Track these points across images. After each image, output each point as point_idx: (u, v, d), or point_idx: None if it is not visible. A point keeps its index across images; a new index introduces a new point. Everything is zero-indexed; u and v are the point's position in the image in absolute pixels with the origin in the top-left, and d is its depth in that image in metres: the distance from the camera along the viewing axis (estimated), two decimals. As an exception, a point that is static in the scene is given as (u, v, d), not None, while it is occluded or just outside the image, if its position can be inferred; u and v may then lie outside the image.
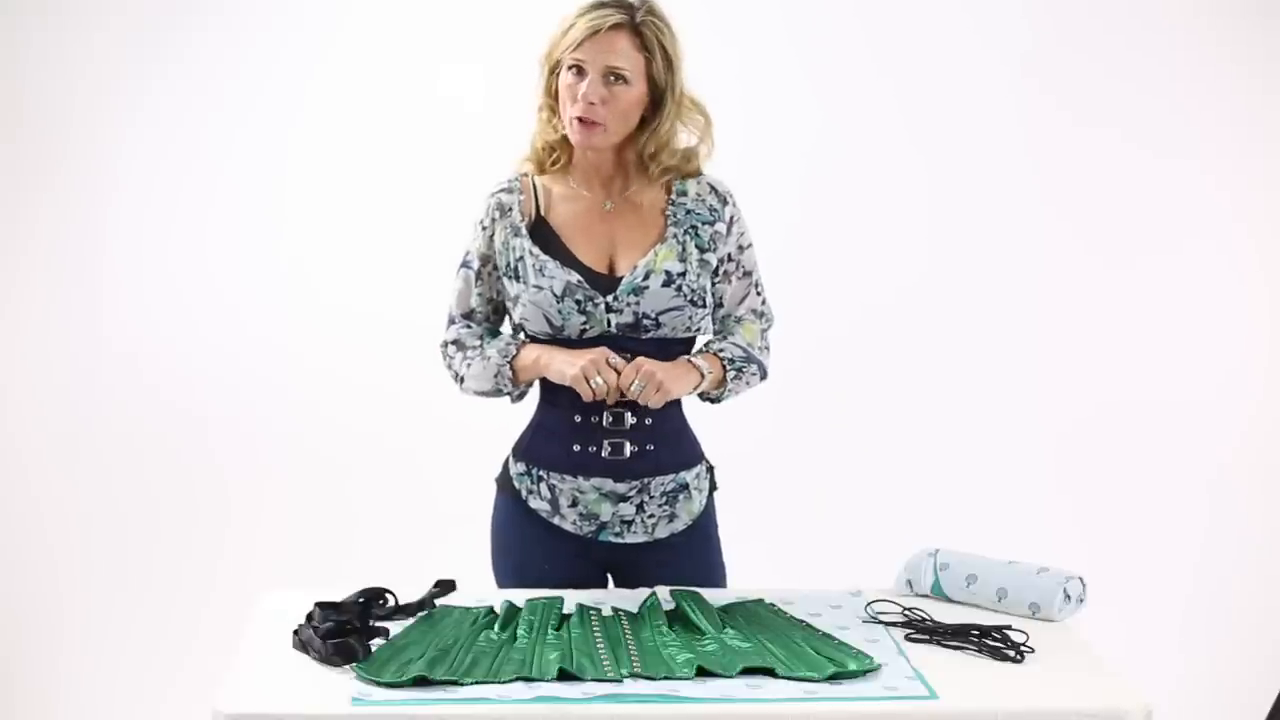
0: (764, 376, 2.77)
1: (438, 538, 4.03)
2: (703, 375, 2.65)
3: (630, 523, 2.68)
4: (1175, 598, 4.20)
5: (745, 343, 2.74)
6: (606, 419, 2.63)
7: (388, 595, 2.48)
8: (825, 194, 4.16)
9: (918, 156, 4.16)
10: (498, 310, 2.75)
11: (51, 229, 4.08)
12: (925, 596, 2.61)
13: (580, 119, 2.59)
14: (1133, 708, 2.14)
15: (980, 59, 4.12)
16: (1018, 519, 4.03)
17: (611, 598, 2.56)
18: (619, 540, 2.69)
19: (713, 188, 2.71)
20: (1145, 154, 4.15)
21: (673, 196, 2.69)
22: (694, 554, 2.73)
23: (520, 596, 2.52)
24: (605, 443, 2.64)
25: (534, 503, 2.70)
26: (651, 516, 2.68)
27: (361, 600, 2.44)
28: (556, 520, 2.69)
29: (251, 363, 4.13)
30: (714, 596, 2.56)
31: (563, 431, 2.67)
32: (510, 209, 2.69)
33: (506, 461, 2.77)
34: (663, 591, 2.56)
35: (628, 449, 2.64)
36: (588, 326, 2.62)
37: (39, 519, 4.13)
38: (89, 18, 4.01)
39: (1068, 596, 2.49)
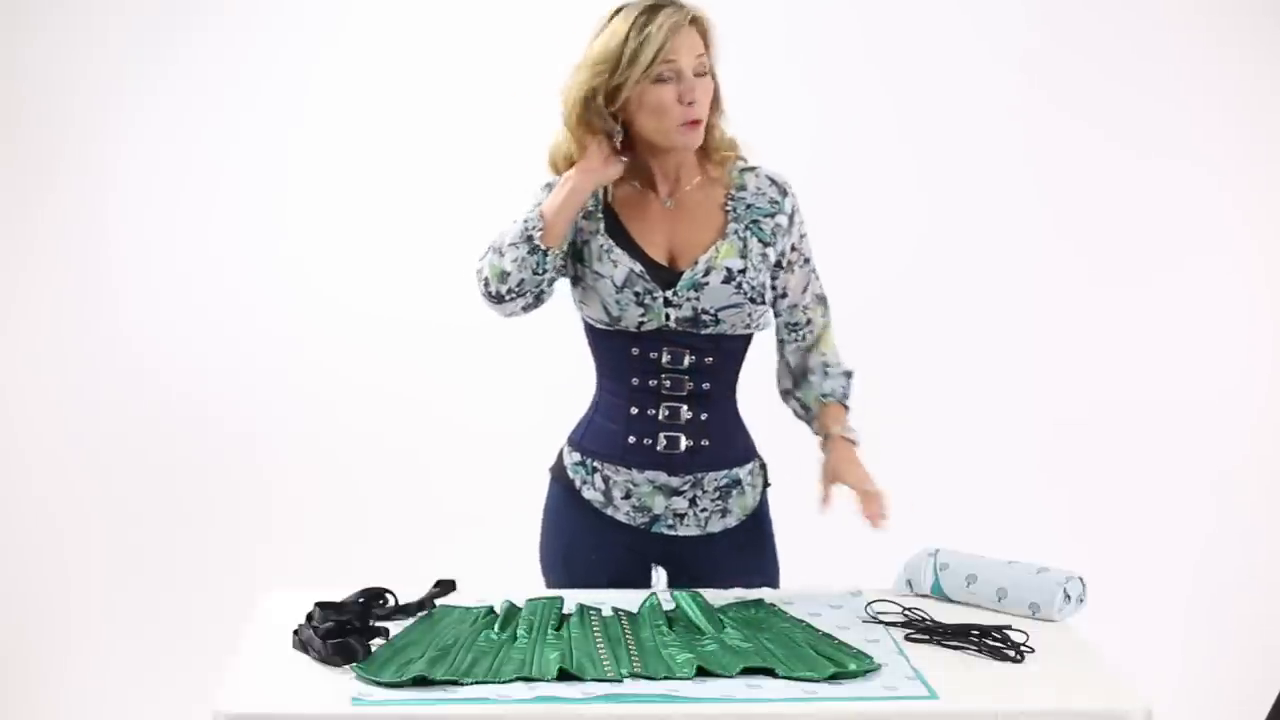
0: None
1: (438, 538, 4.04)
2: (854, 440, 2.71)
3: (683, 516, 2.69)
4: (1175, 598, 4.20)
5: (834, 359, 2.76)
6: (662, 412, 2.65)
7: (388, 595, 2.49)
8: (822, 195, 4.13)
9: (915, 158, 4.16)
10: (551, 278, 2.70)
11: (56, 229, 4.08)
12: (925, 597, 2.61)
13: (690, 121, 2.58)
14: (1133, 708, 2.14)
15: (979, 59, 4.12)
16: (1018, 519, 4.03)
17: (611, 598, 2.56)
18: (671, 533, 2.70)
19: (771, 180, 2.71)
20: (1147, 156, 4.15)
21: (731, 192, 2.68)
22: (746, 549, 2.74)
23: (520, 596, 2.52)
24: (660, 436, 2.66)
25: (587, 493, 2.72)
26: (704, 511, 2.69)
27: (361, 600, 2.45)
28: (610, 511, 2.70)
29: (250, 362, 4.13)
30: (714, 596, 2.56)
31: (618, 423, 2.68)
32: None
33: (561, 452, 2.78)
34: (663, 592, 2.56)
35: (683, 443, 2.65)
36: (645, 319, 2.63)
37: (38, 519, 4.13)
38: (91, 18, 4.00)
39: (1068, 596, 2.49)
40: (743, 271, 2.63)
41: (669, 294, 2.61)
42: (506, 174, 4.06)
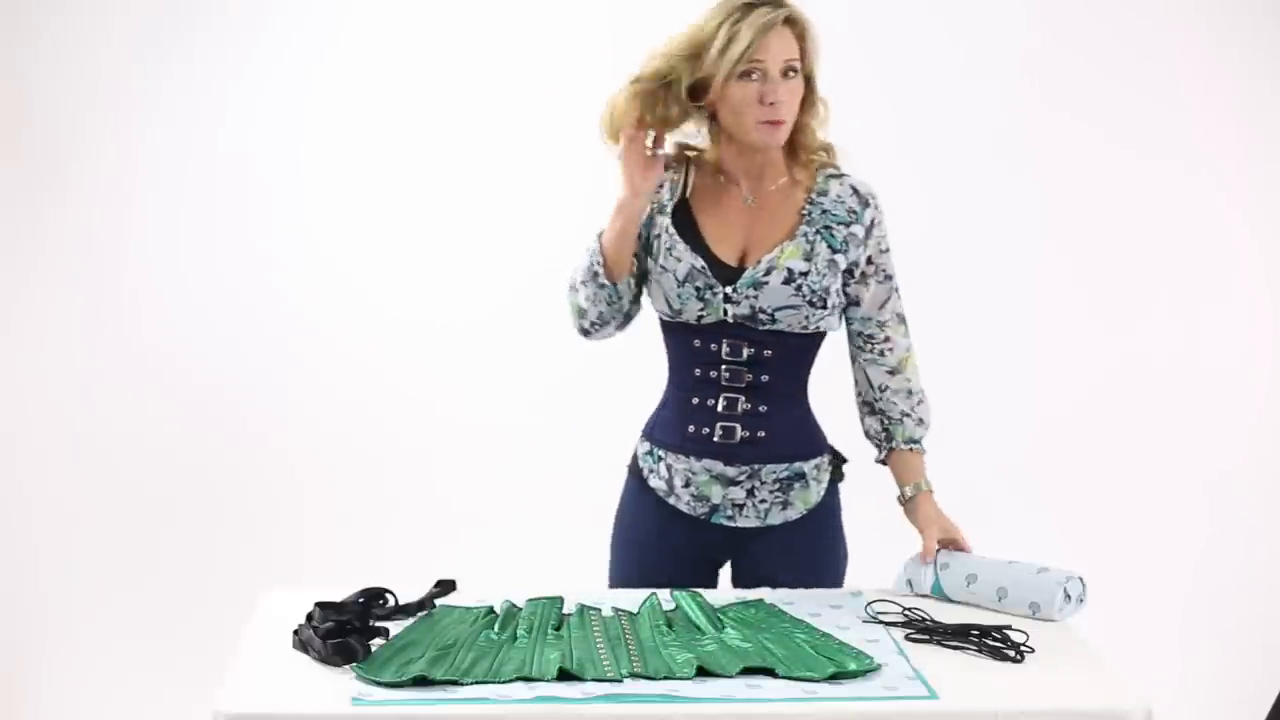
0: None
1: (439, 537, 4.04)
2: (930, 488, 2.76)
3: (741, 506, 2.71)
4: (1175, 598, 4.20)
5: (918, 387, 2.78)
6: (720, 403, 2.67)
7: (388, 595, 2.49)
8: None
9: (915, 158, 4.16)
10: (639, 274, 2.74)
11: (61, 229, 4.07)
12: (925, 597, 2.61)
13: (770, 121, 2.60)
14: (1133, 708, 2.14)
15: (979, 60, 4.12)
16: (1018, 520, 4.03)
17: (611, 598, 2.56)
18: (731, 524, 2.71)
19: (855, 190, 2.71)
20: (1147, 156, 4.15)
21: (812, 195, 2.69)
22: (808, 544, 2.75)
23: (520, 596, 2.52)
24: (717, 426, 2.68)
25: (653, 482, 2.75)
26: (763, 502, 2.71)
27: (361, 600, 2.45)
28: (672, 500, 2.73)
29: (251, 364, 4.13)
30: (714, 597, 2.56)
31: (680, 413, 2.71)
32: (661, 185, 2.71)
33: (636, 444, 2.82)
34: (663, 592, 2.56)
35: (738, 434, 2.67)
36: (705, 314, 2.65)
37: (39, 518, 4.13)
38: (95, 18, 4.00)
39: (1068, 596, 2.48)
40: (805, 274, 2.63)
41: (729, 290, 2.63)
42: (516, 170, 4.10)
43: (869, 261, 2.71)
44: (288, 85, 4.08)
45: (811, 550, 2.75)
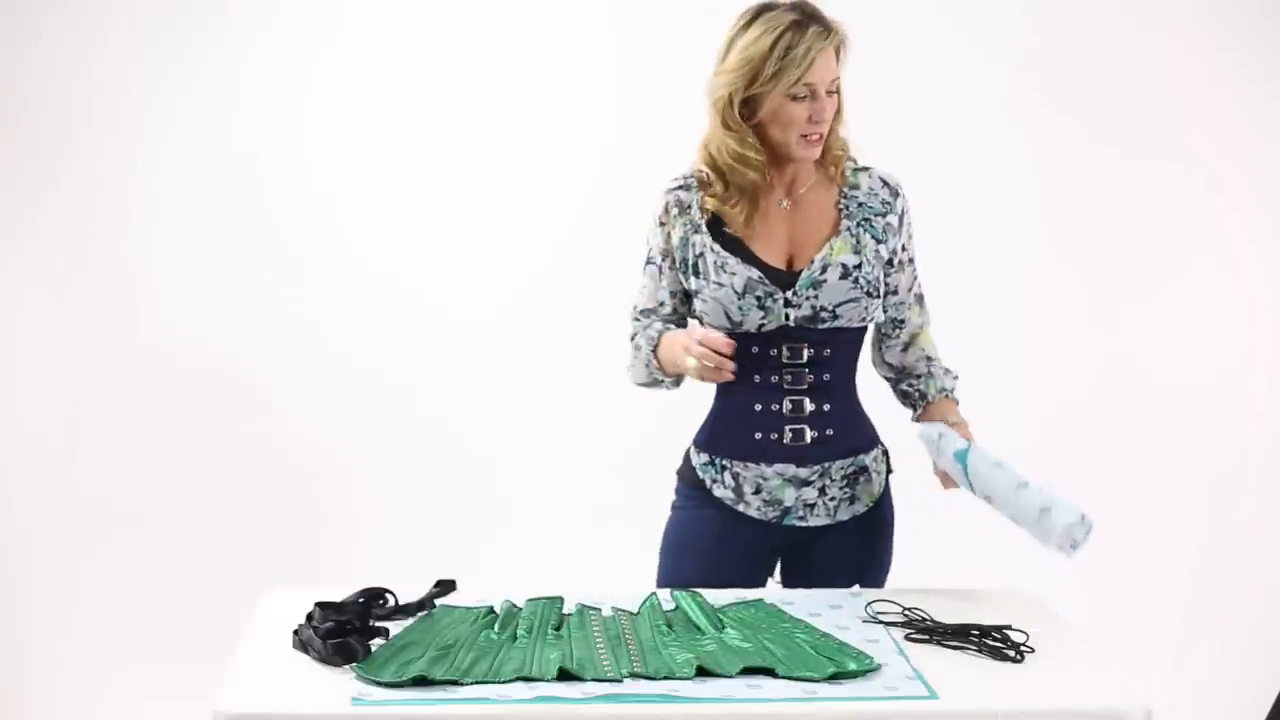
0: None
1: (439, 537, 4.04)
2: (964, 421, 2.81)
3: (813, 506, 2.73)
4: (1174, 599, 4.21)
5: (936, 354, 2.83)
6: (786, 406, 2.70)
7: (388, 595, 2.49)
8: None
9: (914, 162, 4.12)
10: (685, 301, 2.79)
11: (58, 229, 4.07)
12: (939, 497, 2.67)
13: (813, 136, 2.65)
14: (1133, 708, 2.14)
15: (978, 63, 4.12)
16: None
17: (611, 598, 2.56)
18: (803, 524, 2.74)
19: (884, 181, 2.77)
20: (1145, 159, 4.16)
21: (845, 190, 2.74)
22: (868, 535, 2.79)
23: (520, 596, 2.52)
24: (786, 429, 2.71)
25: (718, 491, 2.76)
26: (833, 499, 2.74)
27: (361, 600, 2.45)
28: (740, 507, 2.74)
29: (250, 364, 4.13)
30: (714, 597, 2.56)
31: (743, 420, 2.72)
32: (689, 206, 2.74)
33: (688, 453, 2.82)
34: (663, 592, 2.57)
35: (808, 435, 2.70)
36: (766, 321, 2.68)
37: (39, 518, 4.13)
38: (95, 18, 4.00)
39: (1083, 521, 2.46)
40: (858, 266, 2.69)
41: (789, 294, 2.67)
42: (514, 168, 4.09)
43: (902, 248, 2.78)
44: (287, 85, 4.08)
45: (872, 545, 2.80)
